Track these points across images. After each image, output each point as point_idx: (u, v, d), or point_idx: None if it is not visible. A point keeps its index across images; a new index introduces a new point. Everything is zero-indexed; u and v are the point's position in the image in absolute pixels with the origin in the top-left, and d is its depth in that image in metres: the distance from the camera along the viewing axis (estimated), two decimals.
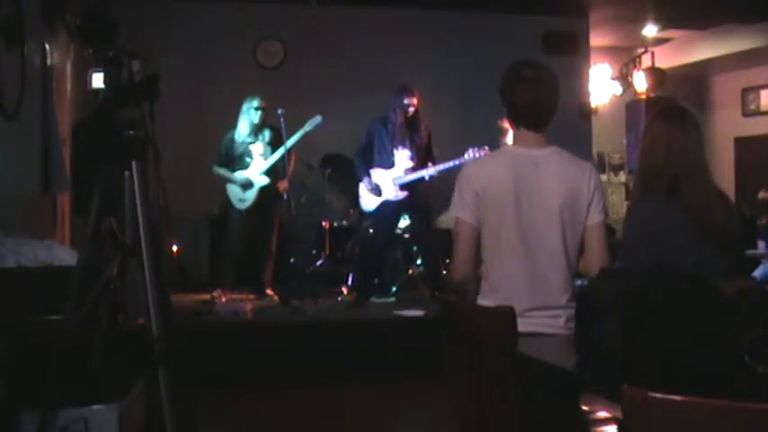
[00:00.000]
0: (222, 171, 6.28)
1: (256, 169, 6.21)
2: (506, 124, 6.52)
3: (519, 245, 2.49)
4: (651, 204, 2.63)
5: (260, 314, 5.75)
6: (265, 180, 6.20)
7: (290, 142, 6.08)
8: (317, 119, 6.14)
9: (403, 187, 6.05)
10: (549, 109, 2.57)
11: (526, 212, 2.49)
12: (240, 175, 6.24)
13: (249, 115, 6.19)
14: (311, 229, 7.04)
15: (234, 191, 6.29)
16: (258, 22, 7.67)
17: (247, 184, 6.23)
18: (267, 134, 6.26)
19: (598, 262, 2.48)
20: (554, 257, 2.49)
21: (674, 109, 2.88)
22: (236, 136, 6.26)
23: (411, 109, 5.99)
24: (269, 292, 6.30)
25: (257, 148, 6.24)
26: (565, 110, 2.67)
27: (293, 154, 6.30)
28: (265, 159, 6.21)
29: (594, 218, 2.54)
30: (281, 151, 6.11)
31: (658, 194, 2.60)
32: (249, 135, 6.23)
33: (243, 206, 6.27)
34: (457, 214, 2.58)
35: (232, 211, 6.35)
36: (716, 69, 10.29)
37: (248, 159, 6.24)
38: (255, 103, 6.19)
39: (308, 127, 6.13)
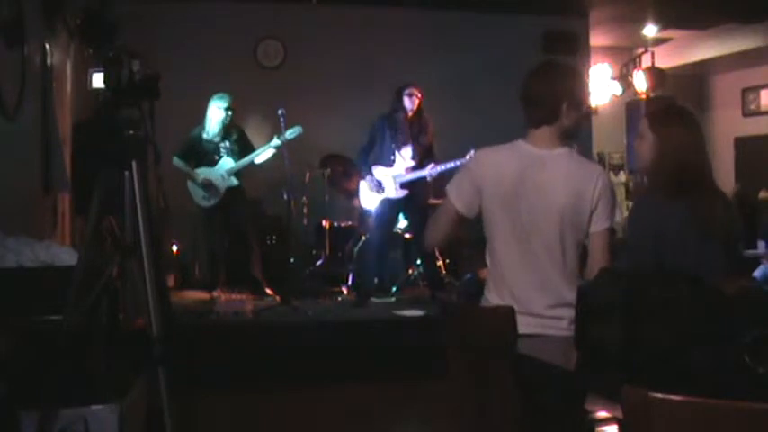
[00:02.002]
0: (182, 165, 6.21)
1: (224, 169, 6.20)
2: None
3: (519, 243, 2.48)
4: (655, 204, 2.63)
5: (260, 314, 5.74)
6: (234, 181, 6.21)
7: (270, 145, 6.09)
8: (297, 129, 6.08)
9: (403, 186, 6.05)
10: (541, 103, 2.51)
11: (525, 212, 2.47)
12: (202, 173, 6.20)
13: (220, 115, 6.16)
14: (311, 229, 7.04)
15: (195, 189, 6.25)
16: (258, 22, 7.66)
17: (208, 184, 6.19)
18: (235, 134, 6.26)
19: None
20: (553, 259, 2.47)
21: (677, 108, 2.88)
22: (205, 134, 6.22)
23: (415, 100, 5.97)
24: (269, 291, 6.29)
25: (225, 147, 6.22)
26: None
27: None
28: (234, 160, 6.20)
29: (598, 225, 2.48)
30: (255, 154, 6.12)
31: (662, 194, 2.60)
32: (218, 133, 6.21)
33: (207, 204, 6.25)
34: (449, 193, 2.59)
35: (198, 210, 6.32)
36: (716, 69, 10.29)
37: (216, 158, 6.22)
38: (226, 103, 6.16)
39: (287, 135, 6.06)
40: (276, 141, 6.08)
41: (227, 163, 6.19)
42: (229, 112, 6.17)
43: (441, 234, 2.66)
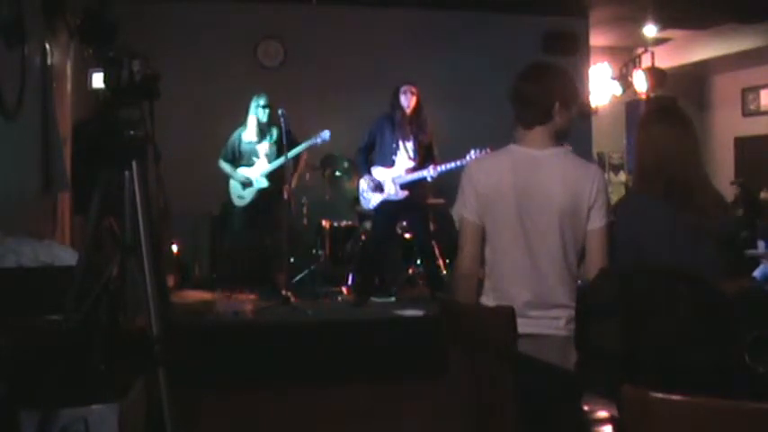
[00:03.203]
0: (226, 167, 6.32)
1: (259, 170, 6.22)
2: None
3: (519, 245, 2.48)
4: (647, 203, 2.62)
5: (260, 314, 5.74)
6: (264, 183, 6.21)
7: (293, 152, 6.08)
8: (326, 133, 6.12)
9: (403, 187, 6.05)
10: (533, 103, 2.52)
11: (525, 213, 2.47)
12: (241, 173, 6.28)
13: (257, 113, 6.21)
14: (311, 229, 7.04)
15: (234, 187, 6.34)
16: (258, 22, 7.67)
17: (247, 183, 6.26)
18: (275, 133, 6.25)
19: (596, 268, 2.45)
20: (553, 259, 2.47)
21: (667, 108, 2.88)
22: (243, 134, 6.28)
23: (411, 98, 5.98)
24: (285, 293, 6.19)
25: (263, 147, 6.25)
26: None
27: (303, 157, 6.34)
28: (270, 161, 6.20)
29: (595, 223, 2.49)
30: (291, 155, 6.09)
31: (655, 194, 2.59)
32: (256, 134, 6.25)
33: (240, 203, 6.32)
34: (460, 212, 2.58)
35: (232, 209, 6.40)
36: (716, 69, 10.30)
37: (254, 159, 6.27)
38: (263, 101, 6.20)
39: (314, 140, 6.13)
40: (304, 146, 6.13)
41: (261, 164, 6.22)
42: (266, 111, 6.17)
43: (469, 256, 2.56)
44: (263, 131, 6.26)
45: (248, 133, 6.27)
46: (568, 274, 2.48)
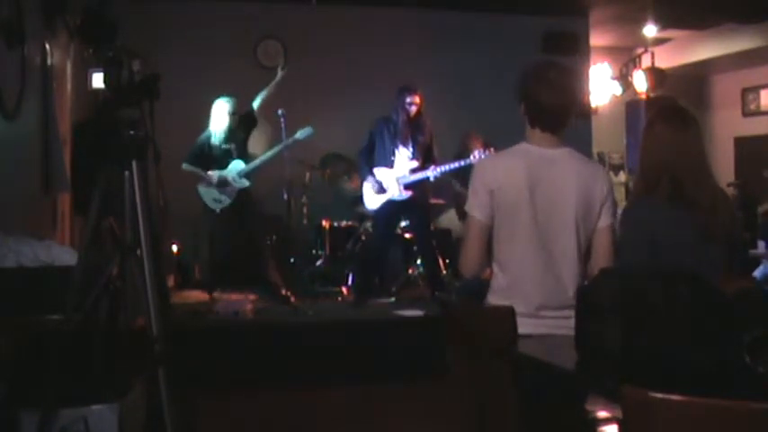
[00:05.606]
0: (194, 168, 6.13)
1: (235, 171, 6.14)
2: (473, 140, 6.61)
3: (533, 243, 2.48)
4: (652, 204, 2.62)
5: (260, 314, 5.74)
6: (246, 183, 6.14)
7: (269, 153, 6.09)
8: (308, 130, 6.09)
9: (407, 187, 6.05)
10: (568, 111, 2.56)
11: (540, 211, 2.48)
12: (216, 173, 6.13)
13: (226, 120, 6.09)
14: (311, 229, 7.04)
15: (208, 191, 6.17)
16: (258, 22, 7.67)
17: (223, 183, 6.12)
18: (242, 134, 6.16)
19: (602, 265, 2.46)
20: (567, 257, 2.48)
21: (673, 108, 2.87)
22: (213, 139, 6.15)
23: (413, 108, 5.99)
24: (284, 293, 6.13)
25: (235, 149, 6.16)
26: None
27: None
28: (244, 162, 6.12)
29: (604, 221, 2.54)
30: (267, 155, 6.07)
31: (660, 194, 2.59)
32: (225, 139, 6.14)
33: (218, 206, 6.15)
34: (469, 211, 2.58)
35: (205, 213, 6.20)
36: (716, 69, 10.30)
37: (229, 160, 6.14)
38: (231, 108, 6.09)
39: (298, 135, 6.08)
40: (287, 142, 6.08)
41: (237, 165, 6.14)
42: (235, 117, 6.10)
43: (477, 256, 2.58)
44: (230, 135, 6.13)
45: (217, 138, 6.13)
46: (580, 274, 2.50)
